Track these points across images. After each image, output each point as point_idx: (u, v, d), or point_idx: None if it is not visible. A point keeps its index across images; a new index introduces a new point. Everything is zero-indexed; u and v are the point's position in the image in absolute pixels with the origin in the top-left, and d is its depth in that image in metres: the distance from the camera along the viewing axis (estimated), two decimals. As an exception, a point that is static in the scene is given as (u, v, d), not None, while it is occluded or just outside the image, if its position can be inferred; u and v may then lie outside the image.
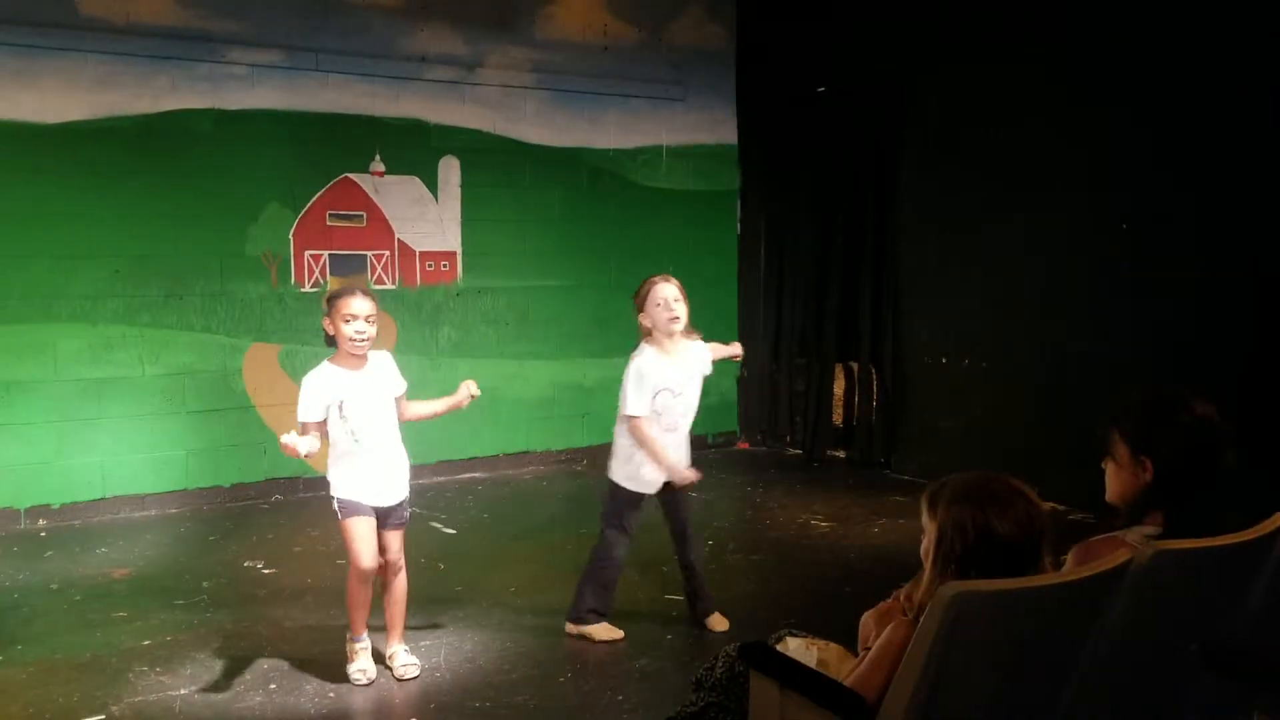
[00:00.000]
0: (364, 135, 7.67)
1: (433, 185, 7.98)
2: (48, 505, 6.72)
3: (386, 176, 7.78)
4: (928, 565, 2.49)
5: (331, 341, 4.19)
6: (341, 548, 6.02)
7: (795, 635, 2.90)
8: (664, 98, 8.84)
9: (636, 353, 4.66)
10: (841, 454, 8.67)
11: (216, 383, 7.23)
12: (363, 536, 4.16)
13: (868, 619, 2.78)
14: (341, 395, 4.12)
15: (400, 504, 4.29)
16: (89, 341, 6.82)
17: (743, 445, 9.29)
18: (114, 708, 4.01)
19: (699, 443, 9.28)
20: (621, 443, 4.68)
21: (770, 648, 2.75)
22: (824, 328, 8.70)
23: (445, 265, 8.09)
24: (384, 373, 4.26)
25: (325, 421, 4.12)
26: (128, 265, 6.92)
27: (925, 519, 2.53)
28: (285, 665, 4.36)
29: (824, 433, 8.71)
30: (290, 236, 7.45)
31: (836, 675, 2.60)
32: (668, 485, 4.70)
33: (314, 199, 7.52)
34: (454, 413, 4.46)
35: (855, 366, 8.56)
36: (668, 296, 4.61)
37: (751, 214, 9.30)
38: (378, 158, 7.74)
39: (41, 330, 6.68)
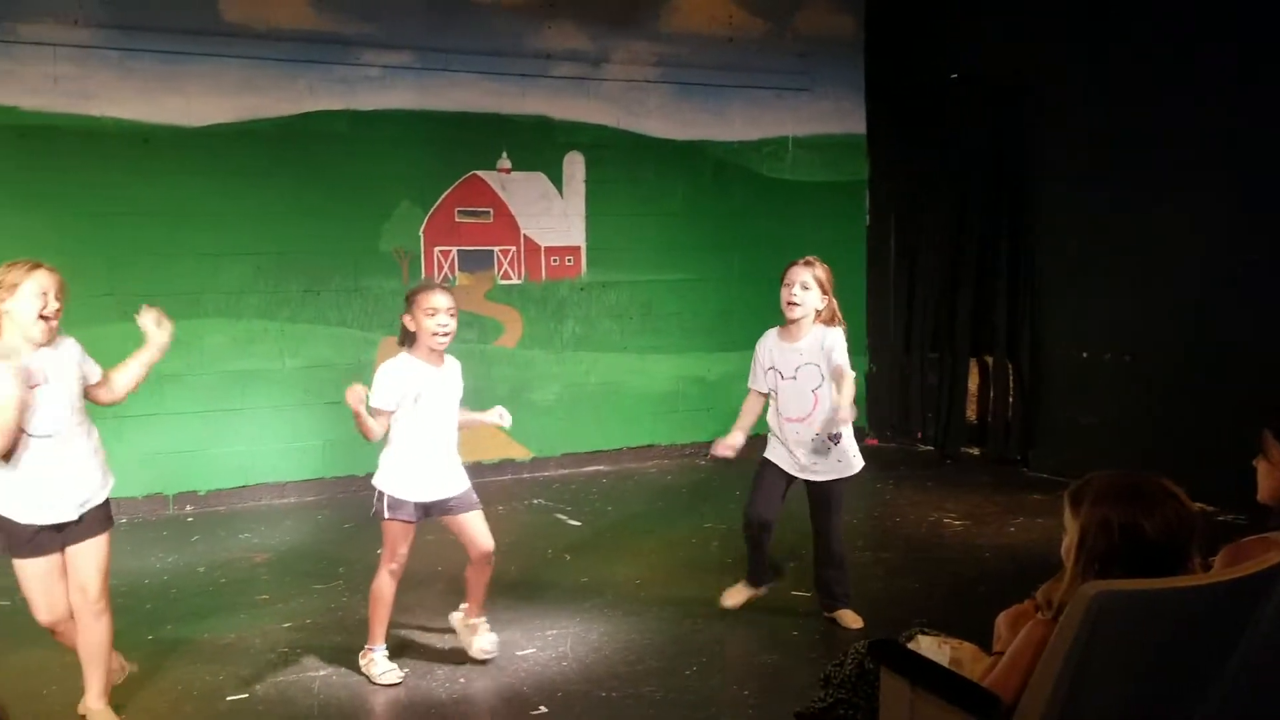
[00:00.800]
0: (491, 133, 7.79)
1: (558, 181, 8.06)
2: (194, 491, 7.02)
3: (513, 173, 7.89)
4: (1069, 564, 2.42)
5: (407, 338, 4.20)
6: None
7: (927, 633, 2.84)
8: (790, 88, 8.75)
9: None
10: (975, 451, 8.45)
11: (351, 375, 7.30)
12: (403, 538, 4.16)
13: (1002, 620, 2.71)
14: (419, 388, 4.12)
15: (465, 490, 4.24)
16: (233, 335, 7.09)
17: (871, 441, 9.13)
18: (257, 687, 4.16)
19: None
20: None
21: (902, 645, 2.69)
22: (957, 320, 8.49)
23: (570, 260, 8.16)
24: (456, 376, 4.28)
25: (392, 414, 4.10)
26: (268, 262, 7.18)
27: (1067, 517, 2.46)
28: (417, 650, 4.45)
29: (957, 429, 8.51)
30: (420, 233, 7.62)
31: (970, 675, 2.53)
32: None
33: (443, 196, 7.68)
34: (577, 405, 4.47)
35: (990, 360, 8.33)
36: (794, 281, 4.59)
37: (880, 205, 9.13)
38: (504, 155, 7.86)
39: (189, 325, 6.95)
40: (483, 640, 4.35)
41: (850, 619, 4.70)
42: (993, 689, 2.34)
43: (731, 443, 4.67)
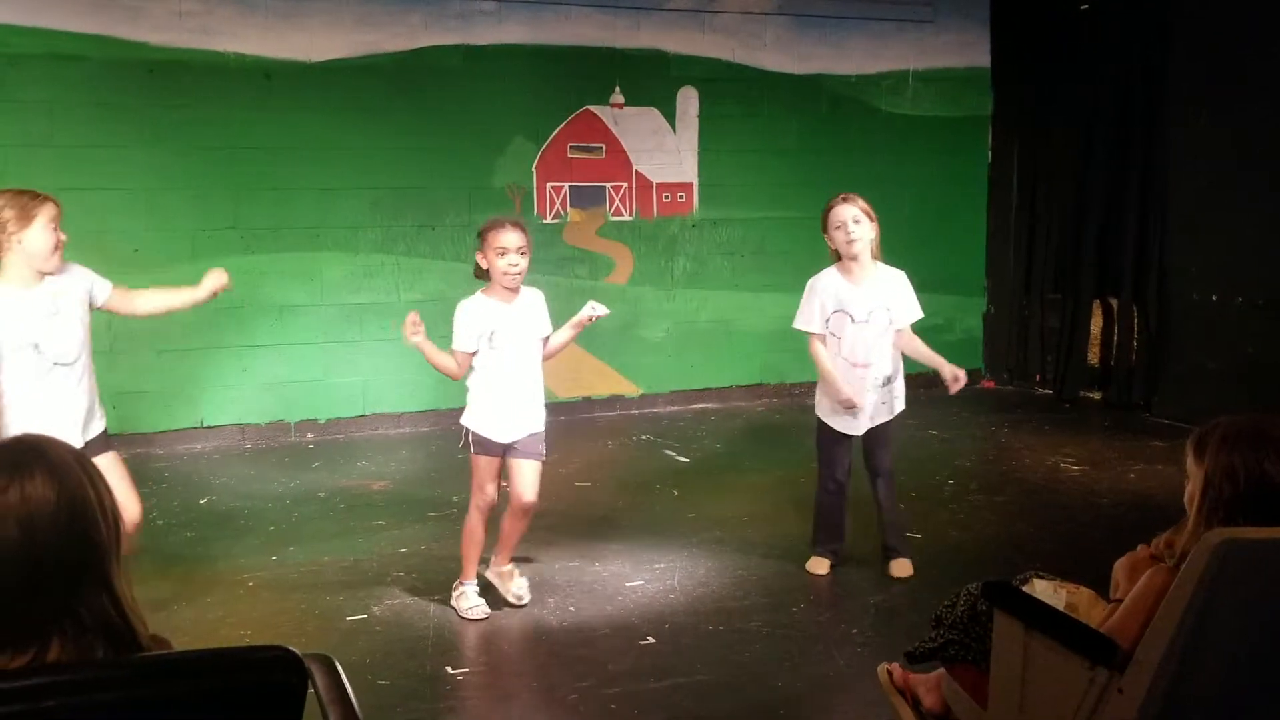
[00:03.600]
0: (604, 67, 7.74)
1: (670, 116, 7.99)
2: (315, 420, 7.24)
3: (626, 108, 7.84)
4: (1192, 512, 2.36)
5: (481, 274, 4.18)
6: (581, 470, 6.25)
7: (1043, 577, 2.78)
8: (912, 20, 8.49)
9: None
10: (1096, 395, 8.22)
11: (465, 310, 7.54)
12: (489, 474, 4.18)
13: (1119, 567, 2.65)
14: (493, 326, 4.11)
15: (533, 436, 4.19)
16: (351, 269, 7.25)
17: (988, 384, 8.95)
18: (375, 609, 4.30)
19: (937, 380, 9.09)
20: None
21: (1016, 588, 2.65)
22: (1081, 261, 8.22)
23: (682, 197, 8.11)
24: (534, 310, 4.22)
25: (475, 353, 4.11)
26: (385, 197, 7.29)
27: (1191, 463, 2.39)
28: (528, 578, 4.53)
29: (1077, 372, 8.28)
30: (533, 169, 7.65)
31: (1086, 621, 2.48)
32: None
33: (556, 131, 7.68)
34: (687, 343, 4.43)
35: (1115, 303, 8.06)
36: (846, 219, 4.42)
37: (1003, 141, 8.85)
38: (617, 90, 7.81)
39: (309, 258, 7.15)
40: (516, 586, 4.33)
41: (903, 567, 4.58)
42: (1110, 635, 2.29)
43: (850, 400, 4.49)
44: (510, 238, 4.08)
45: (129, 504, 3.78)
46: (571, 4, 7.59)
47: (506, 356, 4.14)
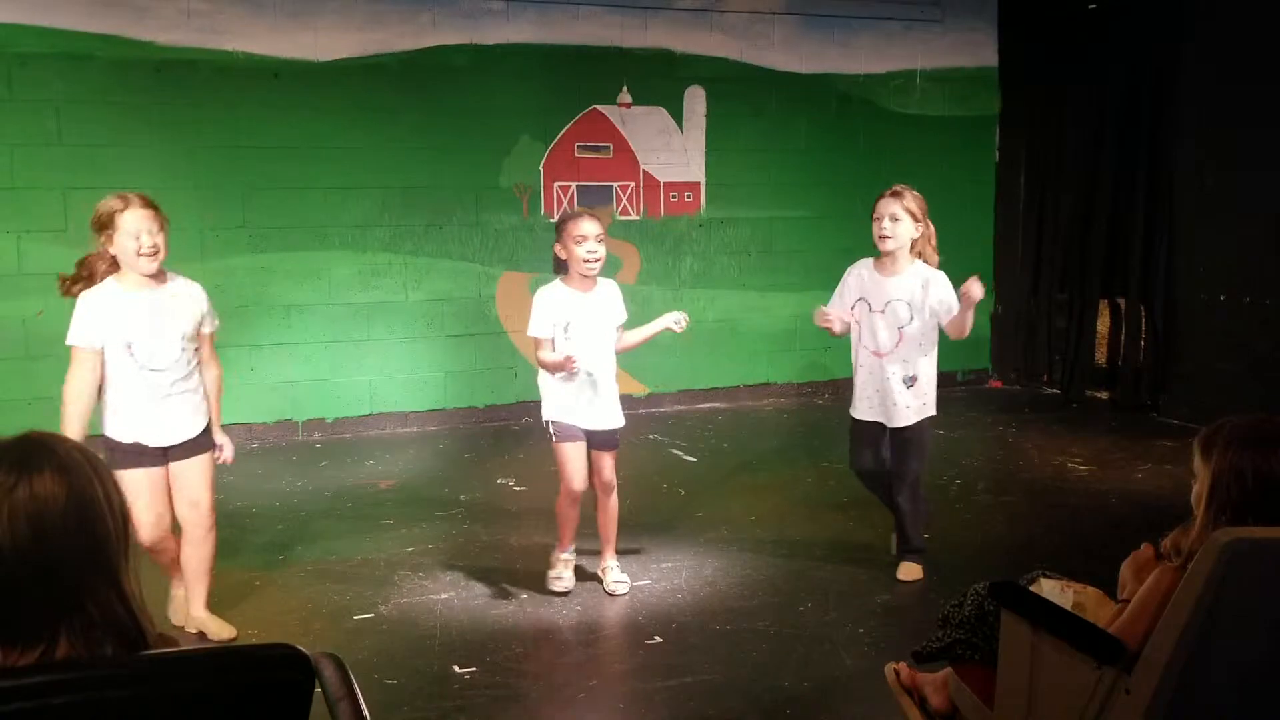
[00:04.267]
0: (612, 67, 7.74)
1: (678, 116, 7.99)
2: (322, 419, 7.26)
3: (633, 108, 7.84)
4: (1199, 512, 2.35)
5: (560, 266, 4.27)
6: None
7: (1050, 577, 2.78)
8: (920, 19, 8.48)
9: None
10: (1103, 395, 8.20)
11: (472, 309, 7.56)
12: (574, 460, 4.28)
13: (1126, 567, 2.64)
14: (570, 316, 4.22)
15: (613, 429, 4.35)
16: (359, 268, 7.26)
17: (995, 384, 8.94)
18: (382, 607, 4.31)
19: (947, 379, 9.07)
20: None
21: (1023, 588, 2.64)
22: (1088, 261, 8.21)
23: (689, 196, 8.11)
24: (611, 300, 4.34)
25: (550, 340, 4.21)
26: (393, 196, 7.30)
27: (1198, 463, 2.38)
28: (536, 578, 4.54)
29: (1084, 372, 8.27)
30: (541, 168, 7.65)
31: (1094, 620, 2.48)
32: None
33: (563, 131, 7.68)
34: (694, 342, 4.46)
35: (1122, 303, 8.05)
36: (884, 214, 4.45)
37: (1011, 141, 8.83)
38: (625, 89, 7.81)
39: (317, 257, 7.16)
40: (611, 577, 4.45)
41: (911, 571, 4.57)
42: (1118, 635, 2.28)
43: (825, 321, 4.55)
44: (588, 226, 4.19)
45: (182, 507, 3.93)
46: (579, 3, 7.59)
47: (584, 346, 4.22)
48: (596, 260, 4.20)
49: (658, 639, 4.01)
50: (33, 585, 1.45)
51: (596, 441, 4.33)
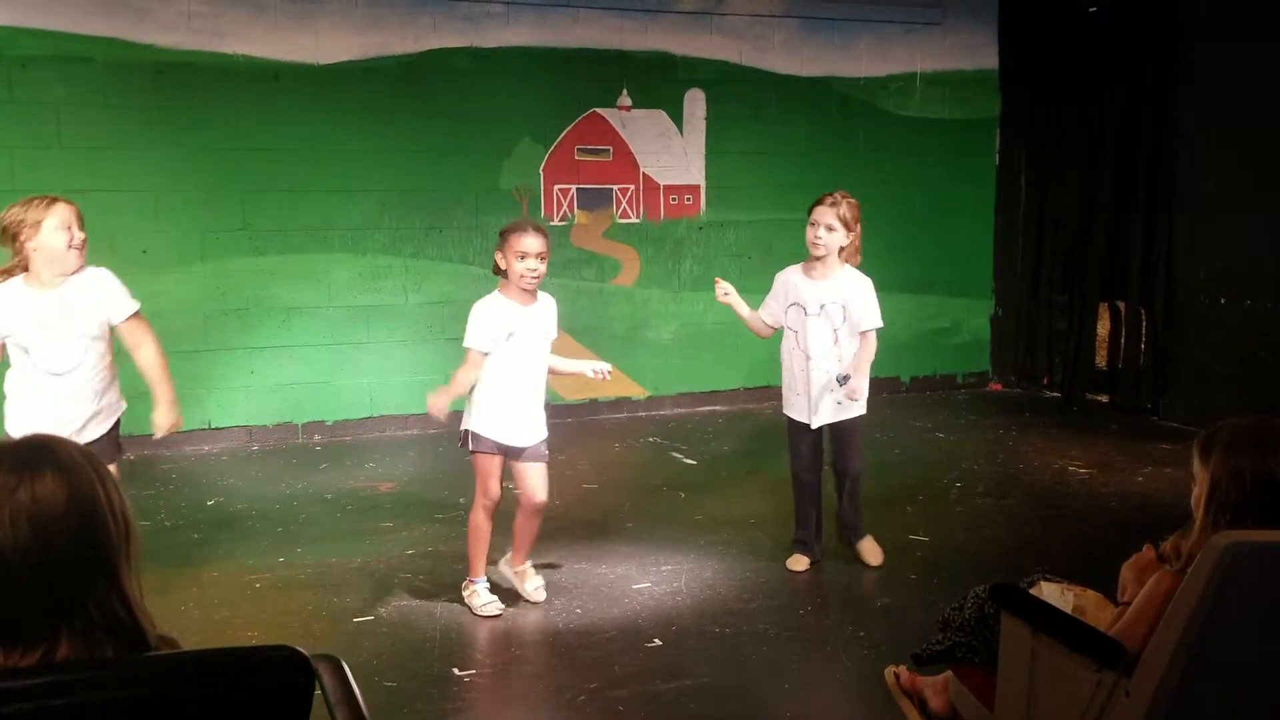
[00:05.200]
0: (612, 70, 7.75)
1: (678, 119, 7.99)
2: (322, 421, 7.25)
3: (633, 110, 7.84)
4: (1199, 515, 2.36)
5: (499, 272, 4.20)
6: (588, 472, 6.25)
7: (1050, 580, 2.78)
8: (920, 22, 8.48)
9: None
10: (1104, 398, 8.20)
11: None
12: (494, 472, 4.21)
13: (1127, 570, 2.65)
14: (513, 327, 4.13)
15: (540, 442, 4.24)
16: (359, 270, 7.26)
17: (995, 387, 8.93)
18: (382, 610, 4.30)
19: (947, 382, 9.04)
20: None
21: (1023, 590, 2.64)
22: (1088, 264, 8.21)
23: (689, 199, 8.11)
24: (548, 315, 4.26)
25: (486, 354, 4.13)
26: (393, 199, 7.30)
27: (1197, 466, 2.39)
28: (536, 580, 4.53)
29: (1085, 375, 8.26)
30: (540, 171, 7.65)
31: (1094, 623, 2.48)
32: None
33: (563, 134, 7.68)
34: (694, 345, 4.46)
35: (1122, 305, 8.05)
36: (819, 221, 4.54)
37: (1011, 143, 8.83)
38: (625, 92, 7.81)
39: (317, 260, 7.16)
40: (532, 583, 4.39)
41: (873, 551, 4.75)
42: (1118, 638, 2.29)
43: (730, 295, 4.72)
44: (531, 242, 4.10)
45: None
46: (579, 6, 7.59)
47: (520, 358, 4.16)
48: (535, 278, 4.11)
49: (657, 641, 4.01)
50: (34, 586, 1.46)
51: (527, 453, 4.22)
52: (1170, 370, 7.66)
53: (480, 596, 4.27)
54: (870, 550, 4.76)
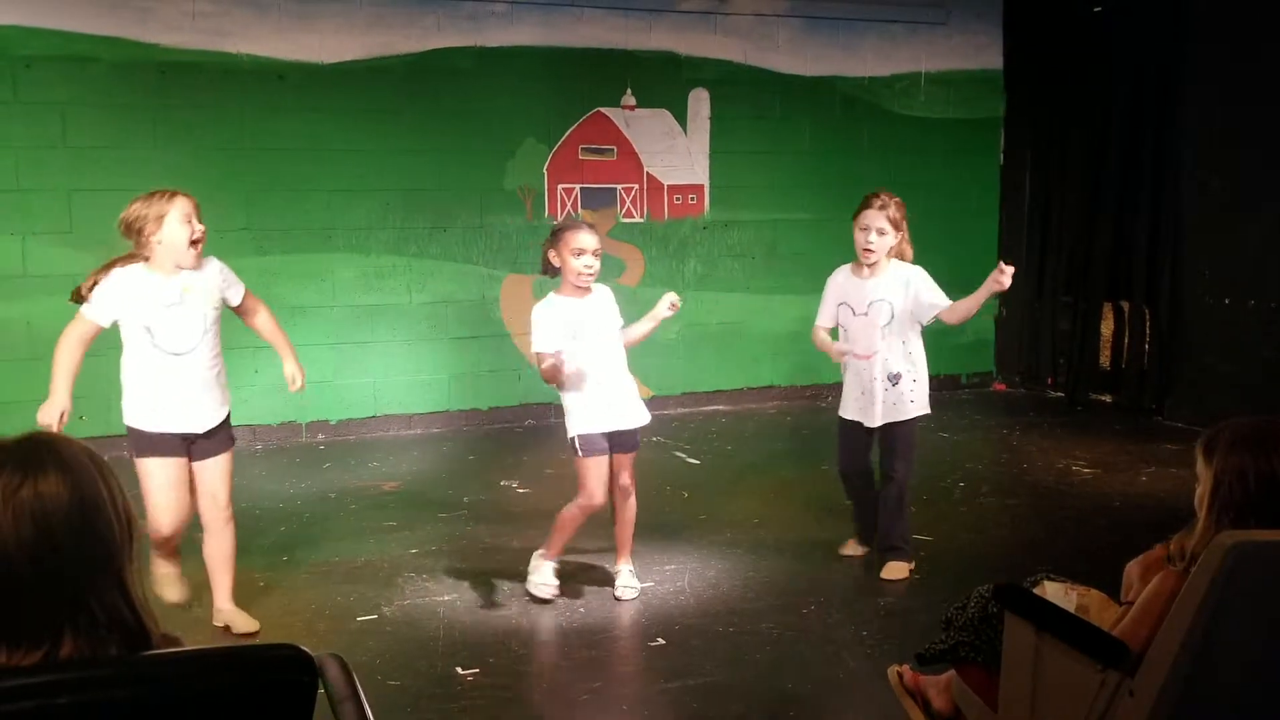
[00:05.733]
0: (616, 69, 7.75)
1: (682, 118, 7.99)
2: (326, 421, 7.26)
3: (637, 110, 7.84)
4: (1202, 514, 2.35)
5: (551, 271, 4.25)
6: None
7: (1054, 579, 2.77)
8: (925, 22, 8.47)
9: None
10: (1108, 398, 8.19)
11: (475, 311, 7.57)
12: (598, 476, 4.23)
13: (1132, 568, 2.64)
14: (577, 322, 4.19)
15: (635, 430, 4.32)
16: (362, 270, 7.26)
17: (999, 387, 8.93)
18: (385, 609, 4.31)
19: (951, 382, 9.03)
20: None
21: (1026, 590, 2.64)
22: (1092, 264, 8.20)
23: (693, 198, 8.11)
24: (609, 304, 4.33)
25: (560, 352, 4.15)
26: (396, 199, 7.31)
27: (1200, 465, 2.38)
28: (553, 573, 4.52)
29: (1089, 375, 8.26)
30: (544, 170, 7.65)
31: (1097, 623, 2.47)
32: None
33: (567, 133, 7.69)
34: (697, 345, 4.45)
35: (1126, 306, 8.04)
36: (871, 225, 4.49)
37: (1016, 143, 8.83)
38: (629, 91, 7.81)
39: (321, 259, 7.16)
40: (622, 580, 4.42)
41: (893, 570, 4.59)
42: (1121, 638, 2.28)
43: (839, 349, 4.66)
44: (587, 239, 4.18)
45: (198, 503, 3.95)
46: (583, 6, 7.59)
47: (592, 351, 4.20)
48: (592, 274, 4.20)
49: (661, 641, 4.01)
50: (37, 585, 1.46)
51: (619, 443, 4.29)
52: (1174, 370, 7.65)
53: (542, 574, 4.31)
54: (894, 568, 4.60)
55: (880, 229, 4.47)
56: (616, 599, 4.40)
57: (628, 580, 4.44)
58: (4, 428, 1.63)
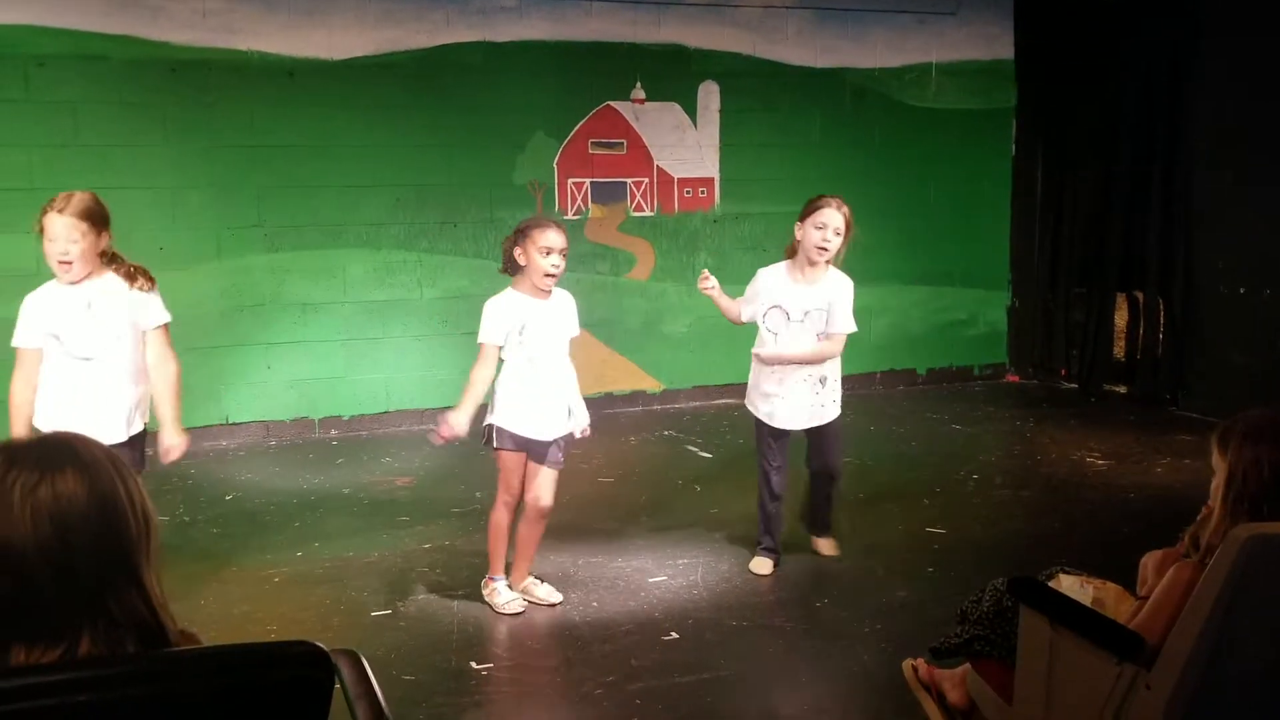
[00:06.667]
0: (626, 63, 7.73)
1: (692, 111, 7.97)
2: (338, 416, 7.28)
3: (647, 103, 7.83)
4: (1218, 506, 2.34)
5: (512, 268, 4.16)
6: (603, 466, 6.26)
7: (1069, 572, 2.77)
8: (934, 12, 8.43)
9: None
10: (1122, 389, 8.16)
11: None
12: (515, 470, 4.18)
13: (1147, 561, 2.64)
14: (524, 320, 4.10)
15: (556, 441, 4.19)
16: (373, 266, 7.27)
17: (1012, 378, 8.90)
18: (400, 604, 4.32)
19: (964, 374, 9.01)
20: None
21: (1042, 583, 2.63)
22: (1105, 254, 8.16)
23: (703, 191, 8.09)
24: (566, 311, 4.23)
25: (501, 348, 4.11)
26: (407, 194, 7.31)
27: (1215, 457, 2.38)
28: (552, 575, 4.54)
29: (1103, 366, 8.22)
30: (554, 165, 7.65)
31: (1113, 616, 2.47)
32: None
33: (577, 127, 7.68)
34: (708, 338, 4.44)
35: (1140, 296, 8.00)
36: (829, 224, 4.44)
37: (1027, 133, 8.78)
38: (638, 85, 7.80)
39: (332, 255, 7.17)
40: (542, 590, 4.33)
41: (828, 545, 4.76)
42: (1138, 631, 2.27)
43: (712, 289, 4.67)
44: (556, 238, 4.09)
45: None
46: (592, -1, 7.59)
47: (534, 353, 4.13)
48: (557, 274, 4.10)
49: (674, 635, 4.01)
50: (55, 584, 1.46)
51: (537, 453, 4.18)
52: (1189, 361, 7.61)
53: (501, 594, 4.26)
54: (829, 545, 4.78)
55: (837, 229, 4.44)
56: (546, 605, 4.27)
57: (547, 589, 4.33)
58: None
